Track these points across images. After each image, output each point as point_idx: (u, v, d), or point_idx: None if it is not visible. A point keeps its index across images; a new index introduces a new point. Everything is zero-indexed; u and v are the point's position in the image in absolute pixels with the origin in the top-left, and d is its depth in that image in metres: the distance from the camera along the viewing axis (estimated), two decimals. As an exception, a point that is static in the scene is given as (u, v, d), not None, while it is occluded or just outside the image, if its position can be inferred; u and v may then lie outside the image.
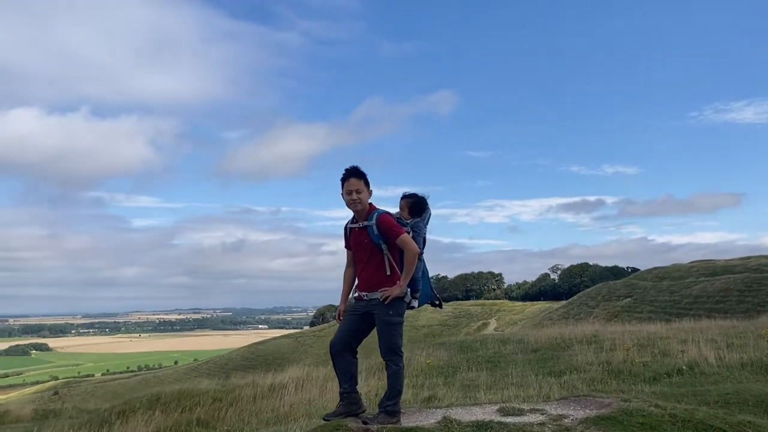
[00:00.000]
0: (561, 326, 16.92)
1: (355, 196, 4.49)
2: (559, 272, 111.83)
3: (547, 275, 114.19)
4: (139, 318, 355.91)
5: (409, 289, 4.52)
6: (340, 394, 4.53)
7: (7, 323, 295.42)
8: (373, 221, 4.49)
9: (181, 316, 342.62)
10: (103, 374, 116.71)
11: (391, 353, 4.41)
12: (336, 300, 4.86)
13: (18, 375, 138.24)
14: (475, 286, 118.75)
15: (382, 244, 4.47)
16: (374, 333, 4.53)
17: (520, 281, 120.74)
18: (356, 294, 4.64)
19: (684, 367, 7.40)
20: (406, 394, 6.86)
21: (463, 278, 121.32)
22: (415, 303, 4.64)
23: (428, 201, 4.91)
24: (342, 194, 4.55)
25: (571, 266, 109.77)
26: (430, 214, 4.90)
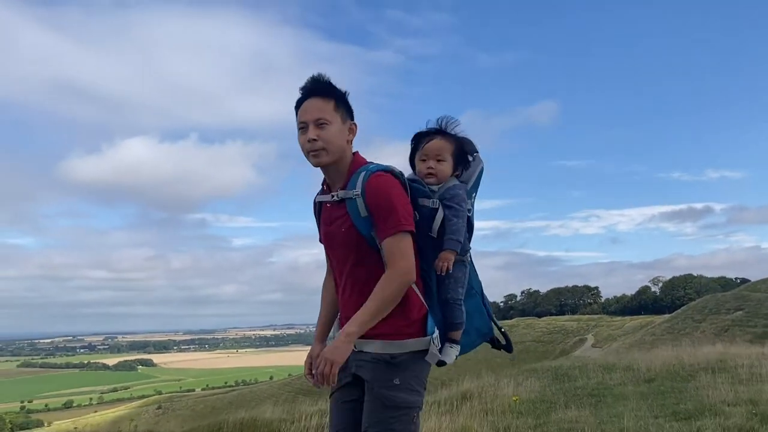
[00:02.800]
0: (674, 346, 14.70)
1: (315, 133, 2.40)
2: (660, 284, 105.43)
3: (647, 288, 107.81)
4: (236, 334, 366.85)
5: (436, 331, 2.47)
6: None
7: (116, 340, 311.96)
8: (358, 188, 2.40)
9: (276, 332, 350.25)
10: (203, 389, 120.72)
11: None
12: None
13: (126, 389, 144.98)
14: (569, 301, 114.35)
15: (375, 235, 2.41)
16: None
17: (619, 294, 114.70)
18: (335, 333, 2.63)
19: None
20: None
21: (557, 292, 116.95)
22: (453, 352, 2.61)
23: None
24: (298, 135, 2.49)
25: (674, 278, 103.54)
26: (482, 171, 2.70)
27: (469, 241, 2.66)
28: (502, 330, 2.79)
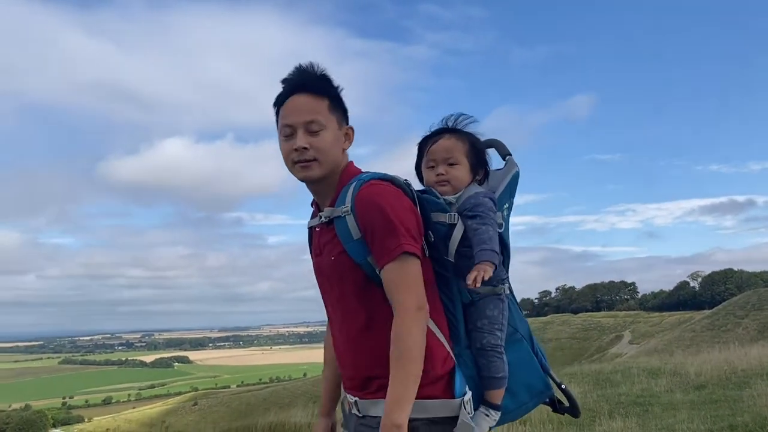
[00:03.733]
0: (720, 347, 13.99)
1: (306, 140, 1.86)
2: (699, 280, 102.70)
3: (686, 283, 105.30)
4: (270, 331, 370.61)
5: (468, 392, 1.88)
6: None
7: (153, 337, 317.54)
8: (348, 202, 1.84)
9: (310, 329, 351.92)
10: (237, 386, 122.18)
11: None
12: None
13: (163, 386, 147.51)
14: (605, 297, 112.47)
15: (372, 262, 1.82)
16: None
17: (656, 290, 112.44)
18: (343, 396, 2.05)
19: None
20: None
21: (593, 288, 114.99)
22: (491, 420, 1.94)
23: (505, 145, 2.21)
24: (279, 138, 1.94)
25: (714, 273, 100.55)
26: (516, 176, 2.14)
27: (507, 269, 2.03)
28: (563, 387, 2.13)
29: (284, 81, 1.95)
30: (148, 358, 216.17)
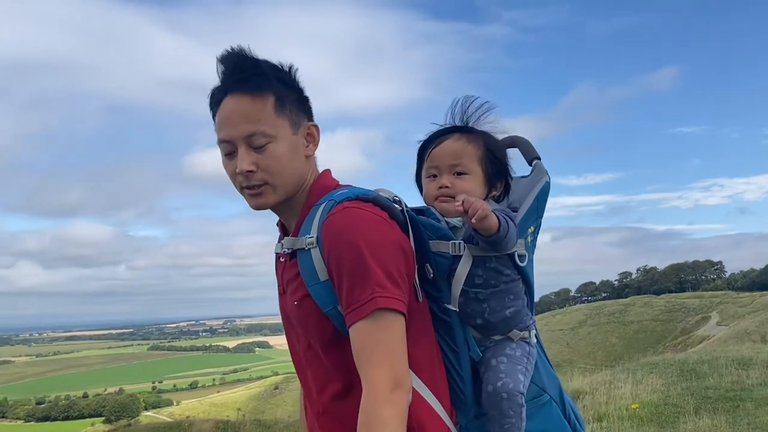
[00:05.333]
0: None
1: (250, 160, 1.41)
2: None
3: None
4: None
5: None
6: None
7: (234, 323, 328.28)
8: (314, 231, 1.38)
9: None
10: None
11: None
12: None
13: (245, 371, 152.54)
14: (690, 277, 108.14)
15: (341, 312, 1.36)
16: None
17: (746, 269, 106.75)
18: None
19: None
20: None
21: (676, 268, 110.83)
22: None
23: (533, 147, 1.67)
24: (223, 160, 1.48)
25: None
26: (546, 189, 1.60)
27: (532, 312, 1.58)
28: None
29: (218, 83, 1.47)
30: (231, 343, 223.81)
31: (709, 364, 9.13)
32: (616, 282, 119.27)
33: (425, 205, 1.54)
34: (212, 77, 1.44)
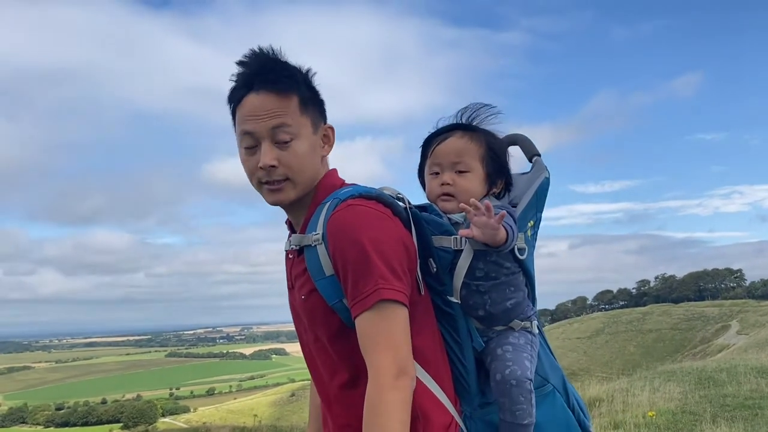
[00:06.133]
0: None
1: (273, 155, 1.45)
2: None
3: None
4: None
5: None
6: None
7: (251, 330, 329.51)
8: (320, 228, 1.44)
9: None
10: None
11: None
12: None
13: (262, 377, 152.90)
14: (709, 285, 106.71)
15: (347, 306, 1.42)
16: None
17: (766, 277, 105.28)
18: None
19: None
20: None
21: (695, 277, 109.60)
22: None
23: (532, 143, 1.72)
24: (239, 147, 1.53)
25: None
26: (545, 185, 1.65)
27: (534, 303, 1.62)
28: None
29: (238, 74, 1.50)
30: (247, 350, 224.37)
31: (728, 372, 9.08)
32: (633, 290, 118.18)
33: (427, 202, 1.61)
34: (231, 84, 1.53)
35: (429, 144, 1.64)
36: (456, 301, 1.50)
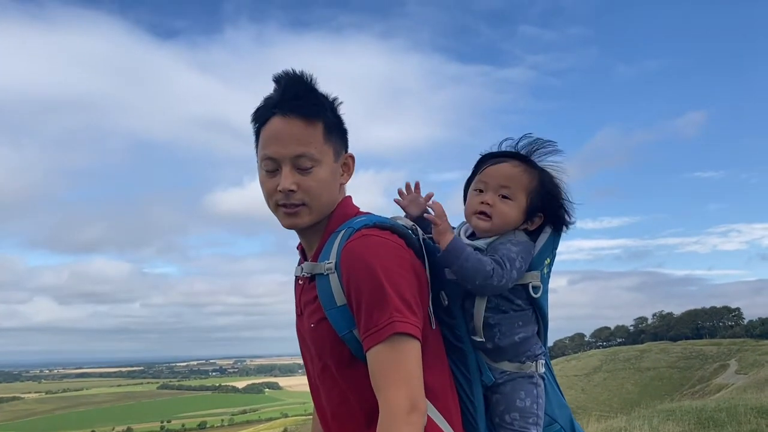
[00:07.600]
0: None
1: (293, 180, 1.45)
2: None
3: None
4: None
5: None
6: None
7: (245, 363, 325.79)
8: (333, 257, 1.44)
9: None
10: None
11: None
12: None
13: (254, 411, 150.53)
14: (707, 323, 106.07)
15: (360, 337, 1.40)
16: None
17: (765, 316, 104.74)
18: None
19: None
20: None
21: (692, 314, 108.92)
22: None
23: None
24: (258, 169, 1.54)
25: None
26: (567, 210, 1.63)
27: (545, 342, 1.61)
28: None
29: (269, 99, 1.51)
30: (240, 383, 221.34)
31: (728, 412, 8.94)
32: (631, 327, 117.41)
33: (463, 222, 1.63)
34: (236, 117, 1.60)
35: (483, 162, 1.63)
36: (480, 339, 1.48)
